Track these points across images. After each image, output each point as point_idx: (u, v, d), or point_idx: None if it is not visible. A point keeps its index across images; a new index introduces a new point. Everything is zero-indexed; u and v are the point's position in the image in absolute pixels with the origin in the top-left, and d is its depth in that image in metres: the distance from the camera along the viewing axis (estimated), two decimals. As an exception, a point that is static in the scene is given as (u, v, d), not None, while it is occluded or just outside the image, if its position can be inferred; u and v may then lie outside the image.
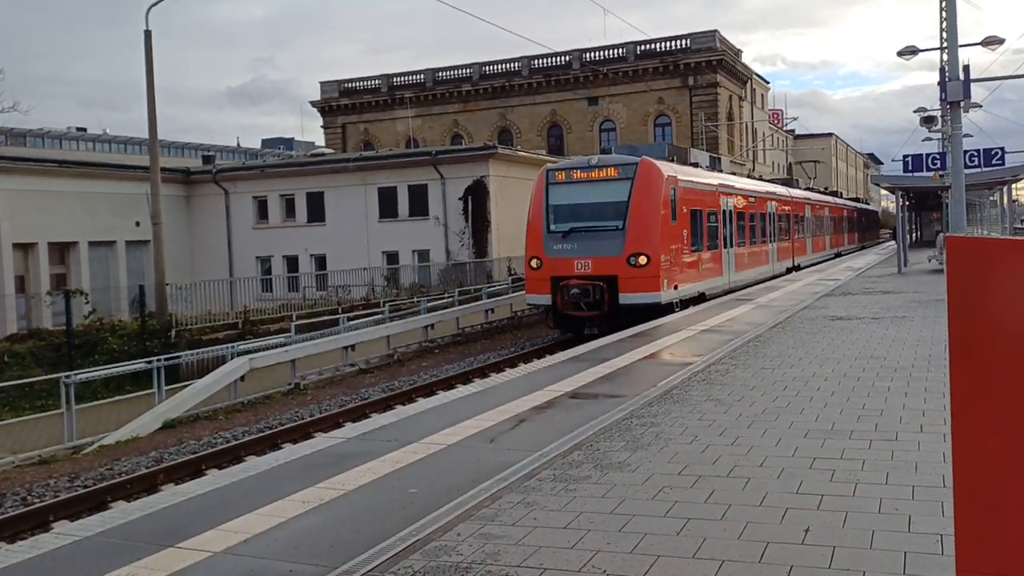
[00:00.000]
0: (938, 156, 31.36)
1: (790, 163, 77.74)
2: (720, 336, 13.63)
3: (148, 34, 24.97)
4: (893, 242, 64.48)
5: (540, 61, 59.39)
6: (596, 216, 20.20)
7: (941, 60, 25.48)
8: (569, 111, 58.85)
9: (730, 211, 25.50)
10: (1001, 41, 24.11)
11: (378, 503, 5.78)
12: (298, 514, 5.56)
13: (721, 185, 25.07)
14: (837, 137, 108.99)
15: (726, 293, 23.22)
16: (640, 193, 19.63)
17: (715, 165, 27.67)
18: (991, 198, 37.65)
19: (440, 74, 62.67)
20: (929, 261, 29.91)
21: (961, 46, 22.01)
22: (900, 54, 25.09)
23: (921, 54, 25.56)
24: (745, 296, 21.43)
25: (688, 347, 12.59)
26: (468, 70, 61.43)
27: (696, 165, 24.63)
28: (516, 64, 60.31)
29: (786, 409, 8.06)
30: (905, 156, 31.48)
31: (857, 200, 78.91)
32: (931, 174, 30.78)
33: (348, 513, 5.62)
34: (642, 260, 19.20)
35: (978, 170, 29.25)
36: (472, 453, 7.04)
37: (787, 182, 42.23)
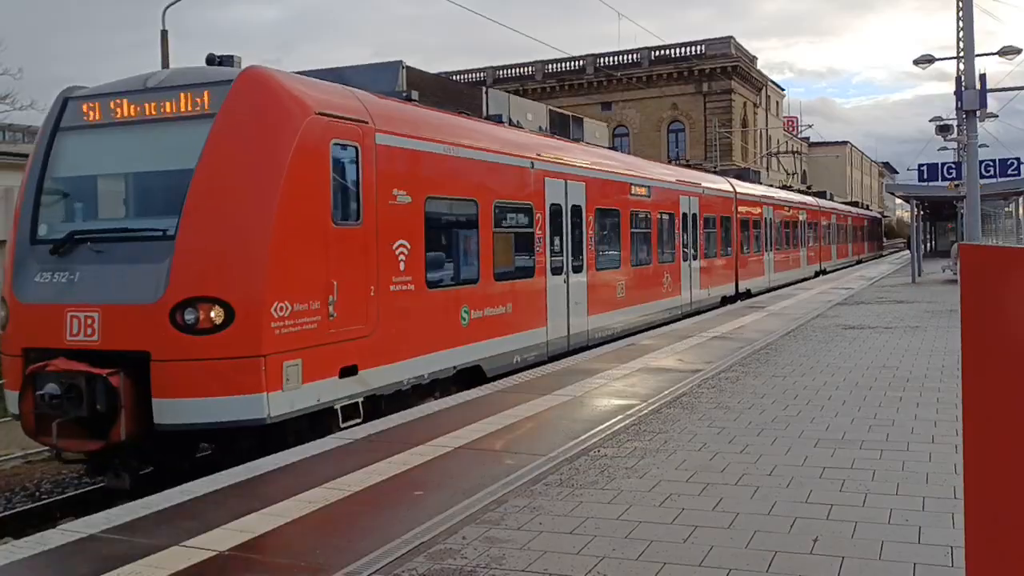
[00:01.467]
0: (954, 166, 31.16)
1: (803, 171, 77.43)
2: (731, 343, 13.57)
3: (164, 34, 25.12)
4: (895, 254, 63.84)
5: (554, 66, 59.43)
6: (131, 206, 9.52)
7: (958, 69, 25.32)
8: (582, 116, 58.78)
9: (573, 207, 14.29)
10: (1019, 51, 23.96)
11: (383, 505, 5.76)
12: (303, 514, 5.55)
13: (544, 158, 13.46)
14: (852, 145, 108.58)
15: (559, 358, 12.98)
16: (222, 149, 8.41)
17: (567, 129, 16.20)
18: (1006, 209, 37.40)
19: (454, 78, 62.83)
20: (943, 271, 29.75)
21: (978, 55, 21.90)
22: (916, 63, 24.99)
23: (933, 65, 25.40)
24: (757, 304, 21.31)
25: (697, 354, 12.53)
26: (482, 74, 61.60)
27: (496, 119, 13.38)
28: (530, 68, 60.43)
29: (797, 418, 8.01)
30: (920, 165, 31.29)
31: (856, 204, 65.03)
32: (946, 184, 30.60)
33: (353, 514, 5.61)
34: (214, 314, 7.95)
35: (994, 180, 29.05)
36: (479, 456, 7.02)
37: (742, 174, 31.03)
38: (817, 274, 36.80)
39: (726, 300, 23.06)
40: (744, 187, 26.74)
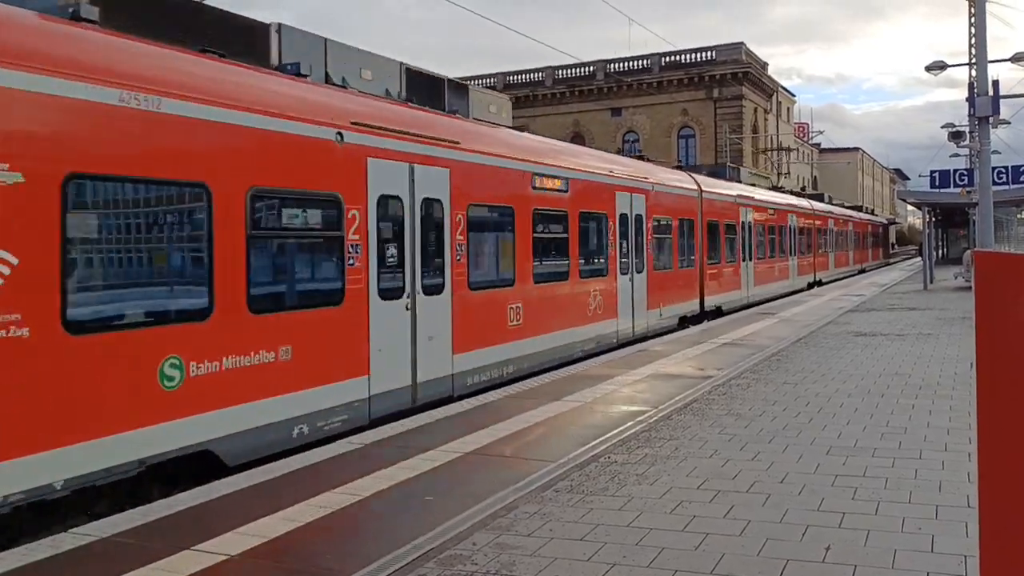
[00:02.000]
0: (965, 172, 31.06)
1: (814, 177, 77.15)
2: (742, 350, 13.53)
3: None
4: (906, 261, 63.31)
5: (564, 71, 59.54)
6: None
7: (970, 76, 25.23)
8: (592, 122, 58.88)
9: (426, 202, 10.21)
10: (1031, 57, 23.86)
11: (394, 510, 5.77)
12: (314, 519, 5.56)
13: (366, 129, 9.23)
14: (863, 152, 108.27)
15: (398, 416, 9.15)
16: None
17: (440, 98, 12.02)
18: (1019, 215, 37.19)
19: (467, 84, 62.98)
20: (955, 278, 29.58)
21: (990, 62, 21.81)
22: (928, 69, 24.92)
23: (943, 72, 25.28)
24: (767, 310, 21.25)
25: (708, 360, 12.50)
26: (492, 79, 61.71)
27: (289, 70, 9.02)
28: (540, 74, 60.54)
29: (808, 425, 7.98)
30: (932, 172, 31.26)
31: (860, 209, 58.59)
32: (958, 190, 30.49)
33: (364, 519, 5.61)
34: None
35: (1006, 187, 28.94)
36: (489, 462, 7.02)
37: (717, 171, 26.60)
38: (811, 285, 32.78)
39: (687, 321, 19.00)
40: (713, 185, 22.62)
